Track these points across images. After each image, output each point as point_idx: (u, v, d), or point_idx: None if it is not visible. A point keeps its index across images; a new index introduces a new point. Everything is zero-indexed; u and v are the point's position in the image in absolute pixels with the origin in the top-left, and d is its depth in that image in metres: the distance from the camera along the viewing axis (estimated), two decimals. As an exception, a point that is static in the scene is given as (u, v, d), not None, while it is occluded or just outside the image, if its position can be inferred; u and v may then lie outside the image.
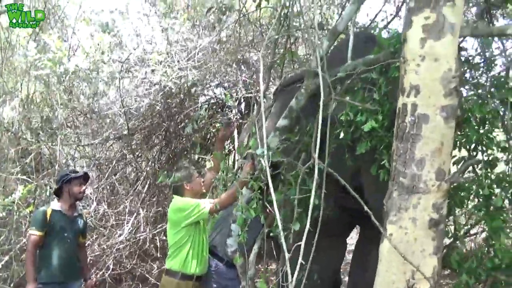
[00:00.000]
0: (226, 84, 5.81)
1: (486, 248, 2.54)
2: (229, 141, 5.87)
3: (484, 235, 3.53)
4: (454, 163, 2.47)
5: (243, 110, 6.12)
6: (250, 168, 3.04)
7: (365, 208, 2.15)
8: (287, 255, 1.95)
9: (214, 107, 6.28)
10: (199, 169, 5.43)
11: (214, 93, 6.51)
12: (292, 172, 2.63)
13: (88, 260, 4.68)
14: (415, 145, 2.13)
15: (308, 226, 2.70)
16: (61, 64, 4.58)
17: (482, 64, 2.67)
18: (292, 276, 2.14)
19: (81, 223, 3.69)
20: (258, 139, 2.58)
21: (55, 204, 3.52)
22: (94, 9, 5.38)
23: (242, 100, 6.01)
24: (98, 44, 5.13)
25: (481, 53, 2.78)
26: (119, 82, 4.44)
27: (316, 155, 2.20)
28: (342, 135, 2.54)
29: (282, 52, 3.29)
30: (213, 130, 6.59)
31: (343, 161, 2.76)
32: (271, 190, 2.22)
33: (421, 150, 2.11)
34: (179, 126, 5.62)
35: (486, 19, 3.33)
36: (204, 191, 3.46)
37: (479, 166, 2.53)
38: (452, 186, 2.61)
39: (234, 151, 5.65)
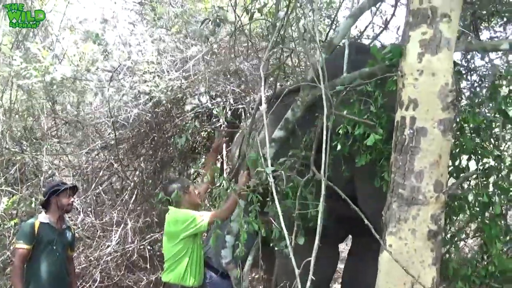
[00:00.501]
0: (212, 93, 5.81)
1: (481, 256, 2.60)
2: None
3: (476, 241, 3.62)
4: (449, 173, 2.52)
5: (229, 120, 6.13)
6: (246, 179, 3.05)
7: (366, 221, 2.17)
8: (297, 271, 1.94)
9: (200, 115, 6.27)
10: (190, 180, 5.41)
11: (200, 101, 6.51)
12: (289, 183, 2.64)
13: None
14: (414, 158, 2.17)
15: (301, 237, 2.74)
16: (47, 73, 4.51)
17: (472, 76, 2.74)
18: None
19: (70, 236, 3.62)
20: (255, 150, 2.59)
21: (43, 217, 3.44)
22: (79, 17, 5.34)
23: (228, 109, 6.03)
24: (84, 53, 5.09)
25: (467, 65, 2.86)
26: (107, 92, 4.38)
27: (322, 172, 2.21)
28: (339, 147, 2.56)
29: (277, 64, 3.31)
30: (199, 139, 6.58)
31: (338, 171, 2.79)
32: (276, 203, 2.22)
33: (420, 163, 2.16)
34: (166, 136, 5.59)
35: (472, 32, 3.42)
36: (199, 202, 3.44)
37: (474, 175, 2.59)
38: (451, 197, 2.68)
39: (222, 161, 5.63)
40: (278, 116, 3.05)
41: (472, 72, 3.02)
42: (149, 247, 5.04)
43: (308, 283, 1.93)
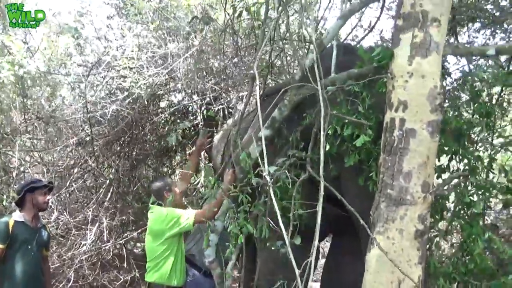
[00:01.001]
0: (189, 91, 5.76)
1: (461, 254, 2.66)
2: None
3: (457, 239, 3.72)
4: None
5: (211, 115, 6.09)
6: (231, 177, 3.03)
7: (361, 221, 2.19)
8: (297, 271, 1.94)
9: (176, 113, 6.21)
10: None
11: (176, 97, 6.44)
12: (282, 182, 2.64)
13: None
14: (402, 159, 2.21)
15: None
16: (21, 67, 4.36)
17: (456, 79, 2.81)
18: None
19: (45, 235, 3.51)
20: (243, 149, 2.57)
21: (17, 215, 3.33)
22: (52, 9, 5.18)
23: (205, 108, 5.99)
24: (58, 47, 4.94)
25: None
26: (84, 87, 4.27)
27: (321, 172, 2.22)
28: (327, 147, 2.58)
29: (266, 64, 3.31)
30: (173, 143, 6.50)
31: (325, 170, 2.80)
32: (275, 203, 2.21)
33: (408, 164, 2.20)
34: (143, 133, 5.50)
35: (452, 36, 3.51)
36: (182, 201, 3.41)
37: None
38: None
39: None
40: (267, 115, 3.04)
41: (451, 74, 3.08)
42: (124, 246, 4.95)
43: (311, 278, 1.91)
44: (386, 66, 2.33)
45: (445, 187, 2.36)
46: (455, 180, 2.63)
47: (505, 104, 3.45)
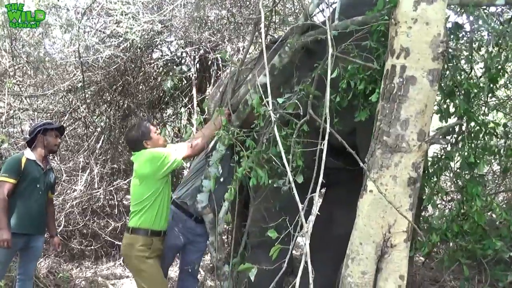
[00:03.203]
0: (183, 42, 5.66)
1: (456, 213, 2.71)
2: (187, 99, 5.78)
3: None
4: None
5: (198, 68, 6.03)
6: (226, 117, 3.03)
7: (361, 164, 2.19)
8: (300, 206, 1.96)
9: (169, 64, 6.13)
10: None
11: (169, 49, 6.34)
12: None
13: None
14: (401, 106, 2.21)
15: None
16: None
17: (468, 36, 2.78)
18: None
19: (52, 177, 3.55)
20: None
21: (29, 153, 3.34)
22: None
23: (198, 58, 5.91)
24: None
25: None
26: (77, 31, 4.16)
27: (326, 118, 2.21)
28: (338, 99, 2.58)
29: (269, 9, 3.22)
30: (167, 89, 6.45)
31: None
32: (279, 141, 2.21)
33: (406, 111, 2.20)
34: (135, 82, 5.44)
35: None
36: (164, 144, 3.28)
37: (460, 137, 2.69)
38: (438, 156, 2.77)
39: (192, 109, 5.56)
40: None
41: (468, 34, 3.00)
42: (115, 194, 4.97)
43: (311, 218, 1.94)
44: (390, 13, 2.30)
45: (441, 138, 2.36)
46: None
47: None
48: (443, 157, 2.68)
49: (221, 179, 3.24)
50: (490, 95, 3.16)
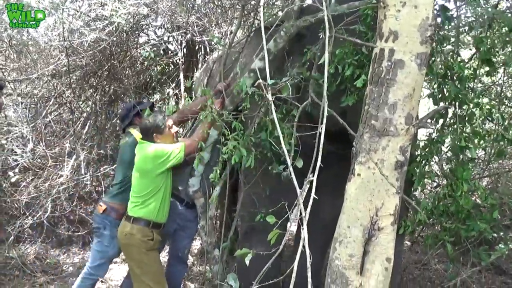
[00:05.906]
0: (169, 26, 5.59)
1: (444, 194, 2.73)
2: (174, 84, 5.73)
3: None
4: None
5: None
6: (220, 106, 3.01)
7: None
8: (298, 191, 1.97)
9: (156, 49, 6.05)
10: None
11: (156, 33, 6.26)
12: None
13: (23, 202, 4.45)
14: (389, 90, 2.21)
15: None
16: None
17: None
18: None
19: None
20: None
21: None
22: None
23: (185, 43, 5.85)
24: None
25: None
26: (62, 13, 4.07)
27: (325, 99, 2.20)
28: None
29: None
30: (154, 74, 6.39)
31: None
32: (277, 125, 2.20)
33: (394, 95, 2.21)
34: (121, 67, 5.37)
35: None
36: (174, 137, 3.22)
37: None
38: (429, 139, 2.79)
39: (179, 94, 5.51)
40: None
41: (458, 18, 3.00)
42: (102, 180, 4.93)
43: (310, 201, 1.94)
44: (380, -4, 2.29)
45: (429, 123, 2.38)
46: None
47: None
48: (434, 140, 2.70)
49: (211, 164, 3.23)
50: (476, 80, 3.19)
